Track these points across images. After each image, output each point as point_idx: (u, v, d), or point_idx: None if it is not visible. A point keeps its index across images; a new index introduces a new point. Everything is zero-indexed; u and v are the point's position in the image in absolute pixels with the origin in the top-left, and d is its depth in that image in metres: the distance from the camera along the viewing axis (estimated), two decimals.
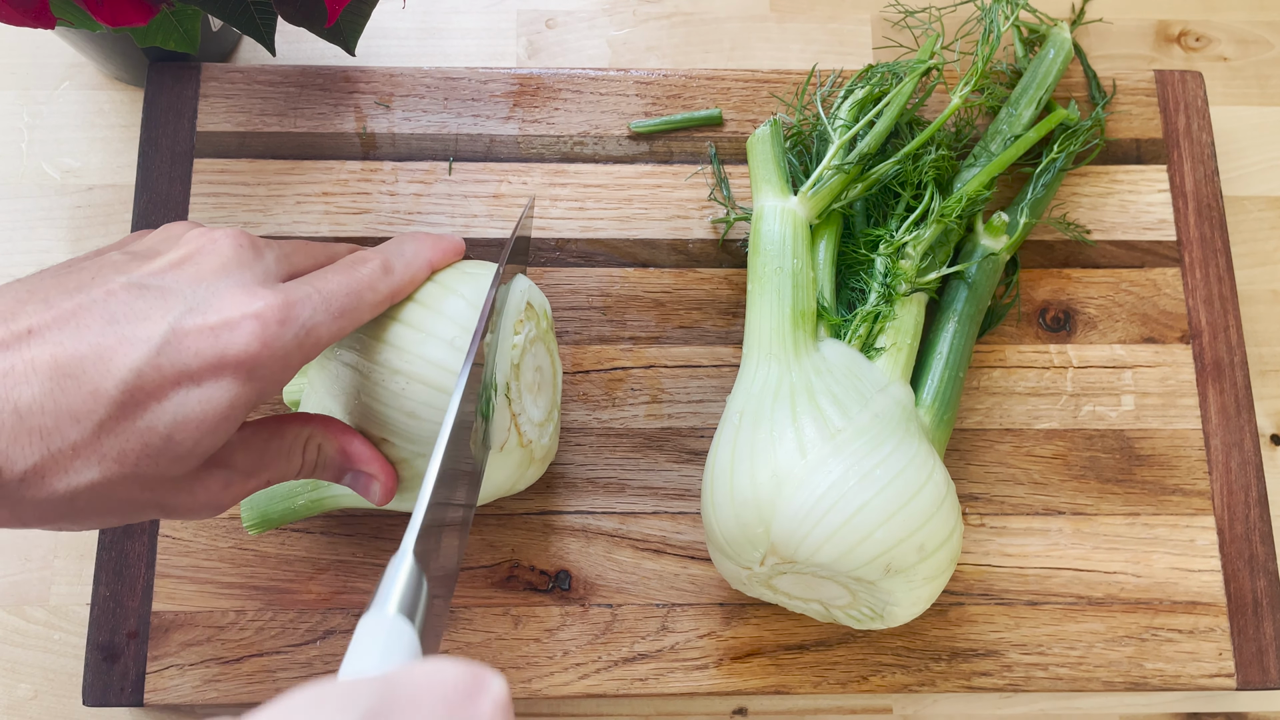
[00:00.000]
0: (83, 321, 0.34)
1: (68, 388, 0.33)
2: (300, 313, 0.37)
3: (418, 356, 0.43)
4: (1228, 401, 0.55)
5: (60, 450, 0.33)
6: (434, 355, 0.43)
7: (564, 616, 0.51)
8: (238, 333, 0.35)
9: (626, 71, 0.60)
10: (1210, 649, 0.52)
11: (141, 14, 0.46)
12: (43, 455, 0.33)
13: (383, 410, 0.43)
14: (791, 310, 0.48)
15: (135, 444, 0.34)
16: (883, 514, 0.43)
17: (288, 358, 0.37)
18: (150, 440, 0.34)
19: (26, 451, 0.33)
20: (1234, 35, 0.66)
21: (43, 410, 0.33)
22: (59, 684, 0.53)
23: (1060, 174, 0.57)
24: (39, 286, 0.36)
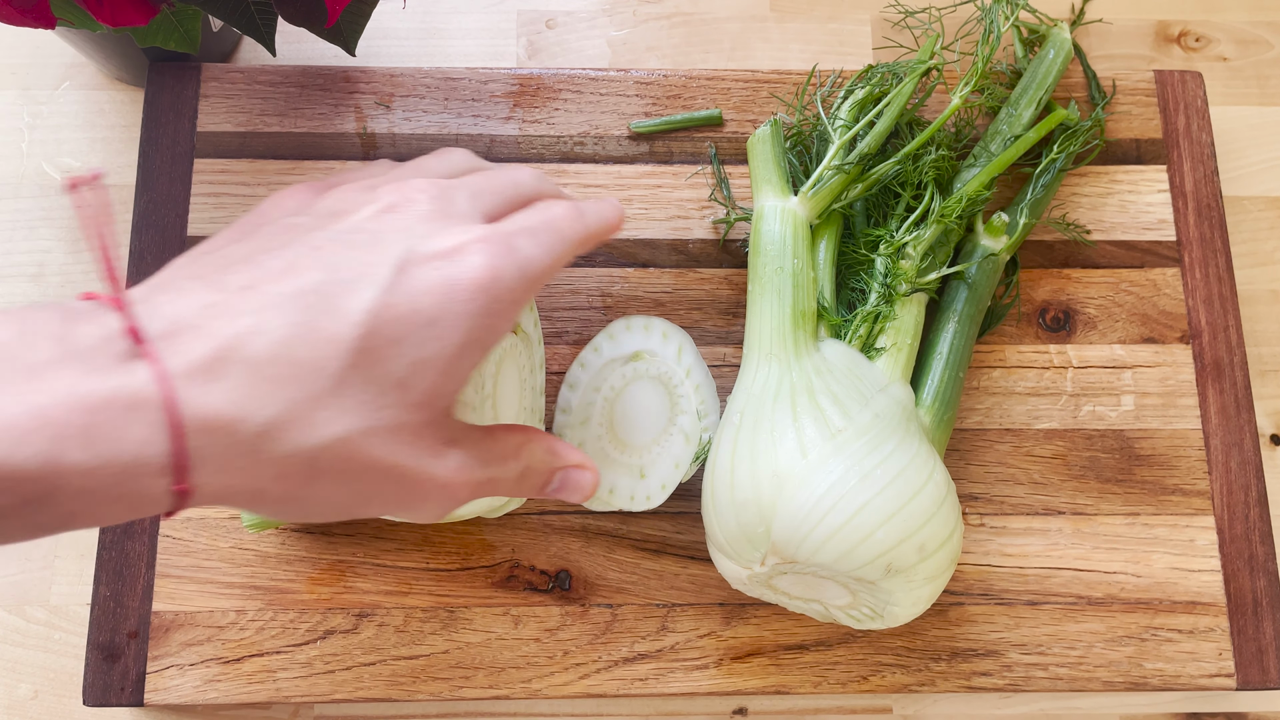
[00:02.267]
0: (301, 273, 0.32)
1: (302, 335, 0.31)
2: (519, 244, 0.35)
3: None
4: (1228, 401, 0.55)
5: (300, 400, 0.31)
6: None
7: (564, 616, 0.51)
8: (466, 261, 0.34)
9: (626, 71, 0.60)
10: (1210, 649, 0.52)
11: (142, 14, 0.46)
12: (283, 406, 0.31)
13: None
14: (792, 310, 0.48)
15: (371, 390, 0.32)
16: (883, 514, 0.43)
17: (514, 290, 0.35)
18: (386, 385, 0.32)
19: (265, 402, 0.31)
20: (1234, 35, 0.66)
21: (277, 360, 0.31)
22: (59, 684, 0.53)
23: (1060, 174, 0.57)
24: (233, 251, 0.34)
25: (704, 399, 0.51)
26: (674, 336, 0.52)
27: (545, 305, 0.56)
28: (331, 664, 0.50)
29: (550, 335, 0.55)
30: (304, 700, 0.50)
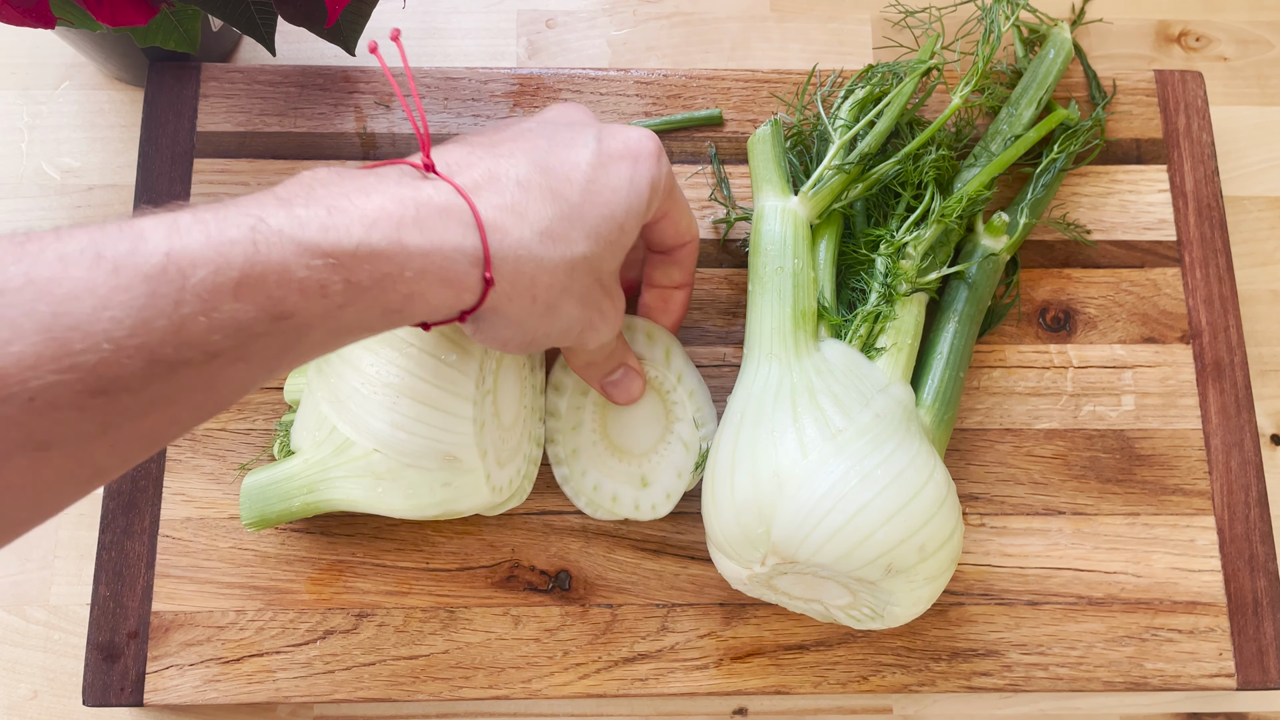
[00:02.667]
0: (532, 143, 0.41)
1: (549, 171, 0.40)
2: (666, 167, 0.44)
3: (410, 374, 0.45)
4: (1228, 401, 0.55)
5: (559, 216, 0.39)
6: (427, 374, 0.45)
7: (564, 616, 0.51)
8: (643, 143, 0.43)
9: (626, 71, 0.60)
10: (1210, 649, 0.52)
11: (141, 14, 0.46)
12: (550, 218, 0.39)
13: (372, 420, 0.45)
14: (792, 310, 0.48)
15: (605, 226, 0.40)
16: (884, 514, 0.43)
17: (668, 177, 0.44)
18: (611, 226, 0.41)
19: (537, 212, 0.39)
20: (1234, 35, 0.66)
21: (532, 183, 0.39)
22: (59, 684, 0.53)
23: (1060, 174, 0.57)
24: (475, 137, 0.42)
25: (699, 406, 0.52)
26: (660, 338, 0.52)
27: None
28: (331, 664, 0.50)
29: None
30: (304, 700, 0.50)
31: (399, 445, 0.45)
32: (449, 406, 0.45)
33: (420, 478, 0.45)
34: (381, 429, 0.44)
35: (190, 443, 0.53)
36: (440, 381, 0.45)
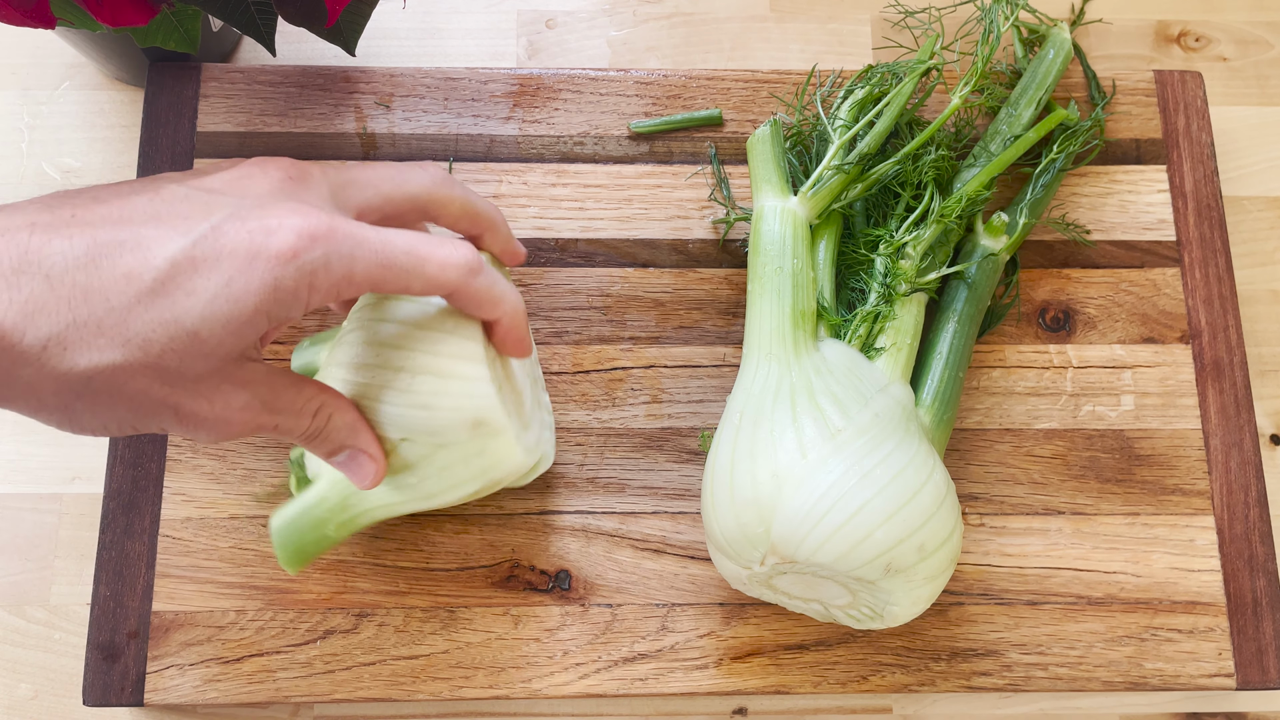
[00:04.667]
0: (127, 214, 0.35)
1: (102, 266, 0.34)
2: (342, 244, 0.37)
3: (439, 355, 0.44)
4: (1227, 401, 0.55)
5: (85, 323, 0.34)
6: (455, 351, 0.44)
7: (564, 616, 0.51)
8: (275, 237, 0.36)
9: (626, 71, 0.60)
10: (1210, 649, 0.52)
11: (142, 14, 0.46)
12: (67, 325, 0.34)
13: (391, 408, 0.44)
14: (791, 310, 0.48)
15: (162, 333, 0.35)
16: (883, 514, 0.43)
17: (315, 275, 0.37)
18: (177, 332, 0.35)
19: (52, 319, 0.33)
20: (1234, 35, 0.66)
21: (74, 283, 0.34)
22: (59, 684, 0.53)
23: (1060, 174, 0.57)
24: (97, 189, 0.37)
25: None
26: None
27: (545, 305, 0.56)
28: (331, 664, 0.50)
29: (550, 335, 0.55)
30: (304, 700, 0.50)
31: (426, 424, 0.43)
32: (464, 372, 0.44)
33: (453, 454, 0.44)
34: (404, 414, 0.43)
35: (190, 443, 0.53)
36: (447, 350, 0.44)
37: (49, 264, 0.34)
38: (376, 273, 0.38)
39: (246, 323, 0.36)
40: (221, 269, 0.35)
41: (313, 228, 0.37)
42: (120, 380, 0.35)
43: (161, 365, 0.35)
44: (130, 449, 0.53)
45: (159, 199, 0.37)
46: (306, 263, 0.36)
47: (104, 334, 0.34)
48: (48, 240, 0.34)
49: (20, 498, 0.55)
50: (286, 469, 0.53)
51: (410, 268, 0.39)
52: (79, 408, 0.35)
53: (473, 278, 0.41)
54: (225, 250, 0.35)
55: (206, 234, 0.36)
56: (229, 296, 0.35)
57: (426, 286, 0.40)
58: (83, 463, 0.56)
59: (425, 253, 0.40)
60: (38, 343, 0.33)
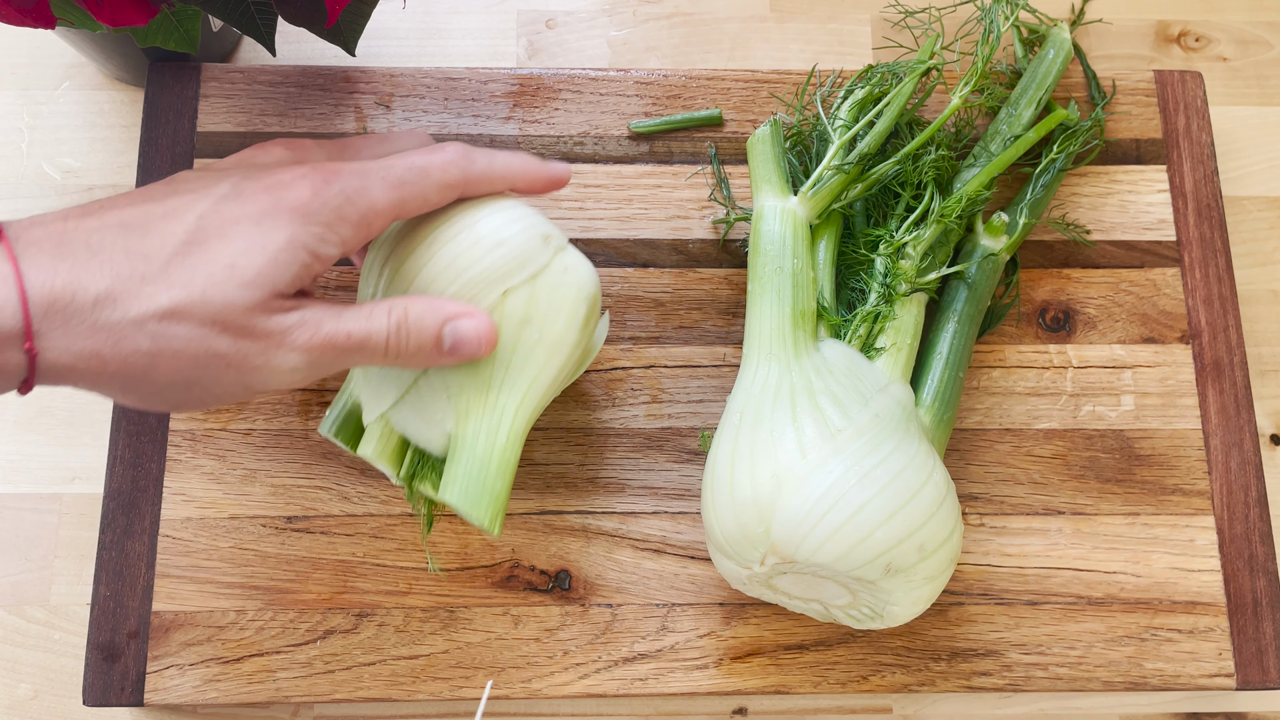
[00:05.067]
0: (149, 195, 0.39)
1: (135, 234, 0.37)
2: (350, 179, 0.40)
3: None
4: (1227, 401, 0.55)
5: (130, 277, 0.36)
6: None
7: (564, 616, 0.51)
8: (292, 190, 0.39)
9: (626, 71, 0.60)
10: (1210, 649, 0.52)
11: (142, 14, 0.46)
12: (113, 280, 0.36)
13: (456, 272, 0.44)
14: (791, 310, 0.48)
15: (202, 272, 0.37)
16: (883, 514, 0.43)
17: (340, 209, 0.39)
18: (214, 269, 0.37)
19: (98, 278, 0.36)
20: (1234, 35, 0.66)
21: (113, 248, 0.37)
22: (59, 684, 0.53)
23: (1060, 174, 0.57)
24: (141, 192, 0.40)
25: None
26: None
27: None
28: (331, 664, 0.50)
29: None
30: (304, 700, 0.50)
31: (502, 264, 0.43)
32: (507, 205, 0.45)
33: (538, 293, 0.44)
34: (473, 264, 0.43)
35: (190, 443, 0.53)
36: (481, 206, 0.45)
37: (88, 238, 0.37)
38: (394, 194, 0.41)
39: (283, 250, 0.38)
40: (248, 216, 0.38)
41: (323, 171, 0.40)
42: (173, 323, 0.37)
43: (207, 300, 0.37)
44: (130, 449, 0.53)
45: (174, 182, 0.40)
46: (329, 198, 0.39)
47: (149, 283, 0.36)
48: (82, 222, 0.37)
49: (20, 498, 0.55)
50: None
51: (419, 180, 0.42)
52: (142, 364, 0.37)
53: (471, 164, 0.43)
54: (249, 201, 0.38)
55: (228, 193, 0.38)
56: (259, 232, 0.38)
57: (441, 192, 0.42)
58: (83, 463, 0.56)
59: (424, 162, 0.42)
60: (90, 298, 0.36)
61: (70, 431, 0.56)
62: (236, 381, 0.39)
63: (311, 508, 0.52)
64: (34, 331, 0.35)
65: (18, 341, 0.35)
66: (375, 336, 0.40)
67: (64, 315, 0.36)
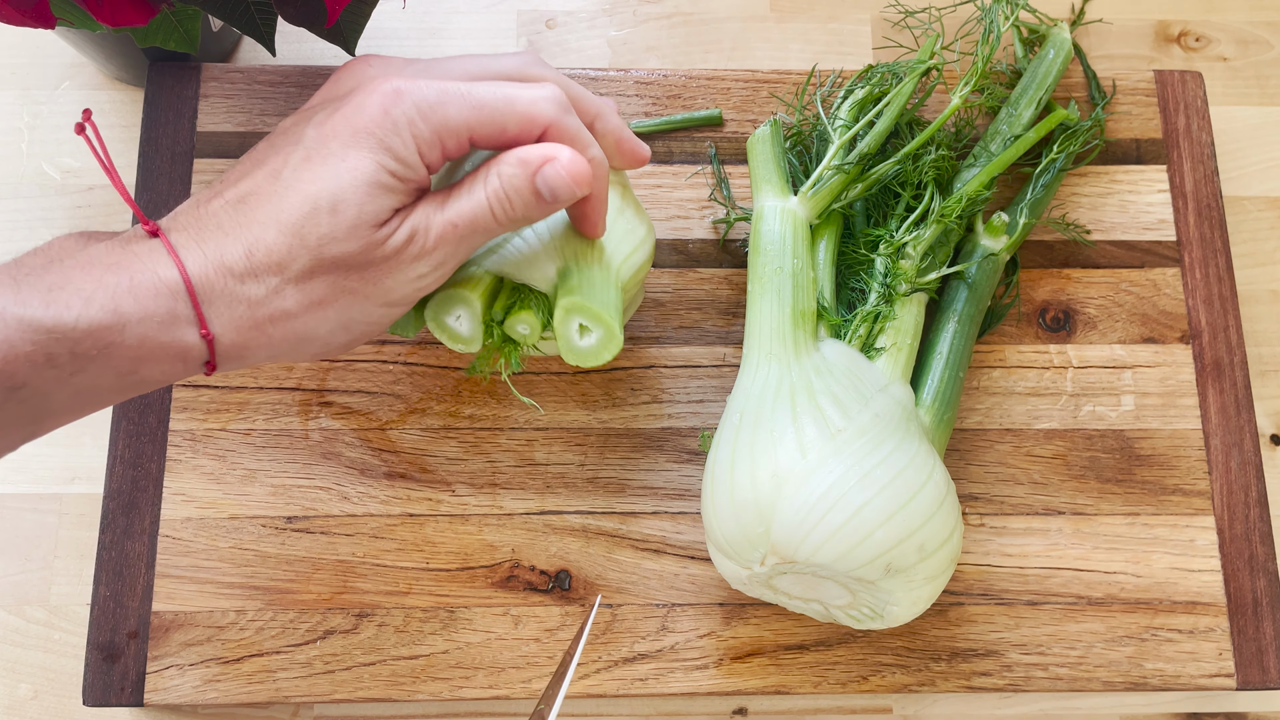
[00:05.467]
0: (257, 158, 0.41)
1: (250, 204, 0.39)
2: (427, 92, 0.40)
3: None
4: (1228, 401, 0.55)
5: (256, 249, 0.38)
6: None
7: (564, 616, 0.51)
8: (363, 108, 0.39)
9: (626, 71, 0.60)
10: (1210, 649, 0.52)
11: (141, 14, 0.46)
12: (247, 255, 0.38)
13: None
14: (791, 310, 0.48)
15: (311, 230, 0.38)
16: (883, 514, 0.43)
17: (413, 124, 0.39)
18: (320, 221, 0.38)
19: (235, 256, 0.38)
20: (1234, 35, 0.66)
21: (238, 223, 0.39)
22: (59, 684, 0.53)
23: (1060, 174, 0.57)
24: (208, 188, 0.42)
25: None
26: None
27: None
28: (331, 664, 0.50)
29: None
30: (304, 700, 0.50)
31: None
32: None
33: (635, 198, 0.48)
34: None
35: (190, 443, 0.53)
36: None
37: (218, 218, 0.39)
38: (470, 114, 0.40)
39: (372, 183, 0.39)
40: (334, 155, 0.39)
41: (396, 87, 0.40)
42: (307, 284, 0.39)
43: (326, 254, 0.39)
44: (130, 449, 0.53)
45: (274, 135, 0.42)
46: (399, 114, 0.39)
47: (274, 252, 0.38)
48: (210, 205, 0.40)
49: (20, 498, 0.55)
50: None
51: (501, 107, 0.41)
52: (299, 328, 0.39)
53: (565, 114, 0.42)
54: (328, 137, 0.39)
55: (312, 135, 0.40)
56: (346, 168, 0.39)
57: (522, 124, 0.41)
58: (83, 463, 0.56)
59: (513, 92, 0.41)
60: (236, 278, 0.38)
61: (70, 431, 0.56)
62: (380, 306, 0.41)
63: (311, 508, 0.52)
64: (204, 317, 0.38)
65: (192, 328, 0.37)
66: (481, 215, 0.41)
67: (222, 297, 0.38)
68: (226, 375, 0.54)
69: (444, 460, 0.53)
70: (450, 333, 0.46)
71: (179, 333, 0.37)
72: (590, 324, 0.44)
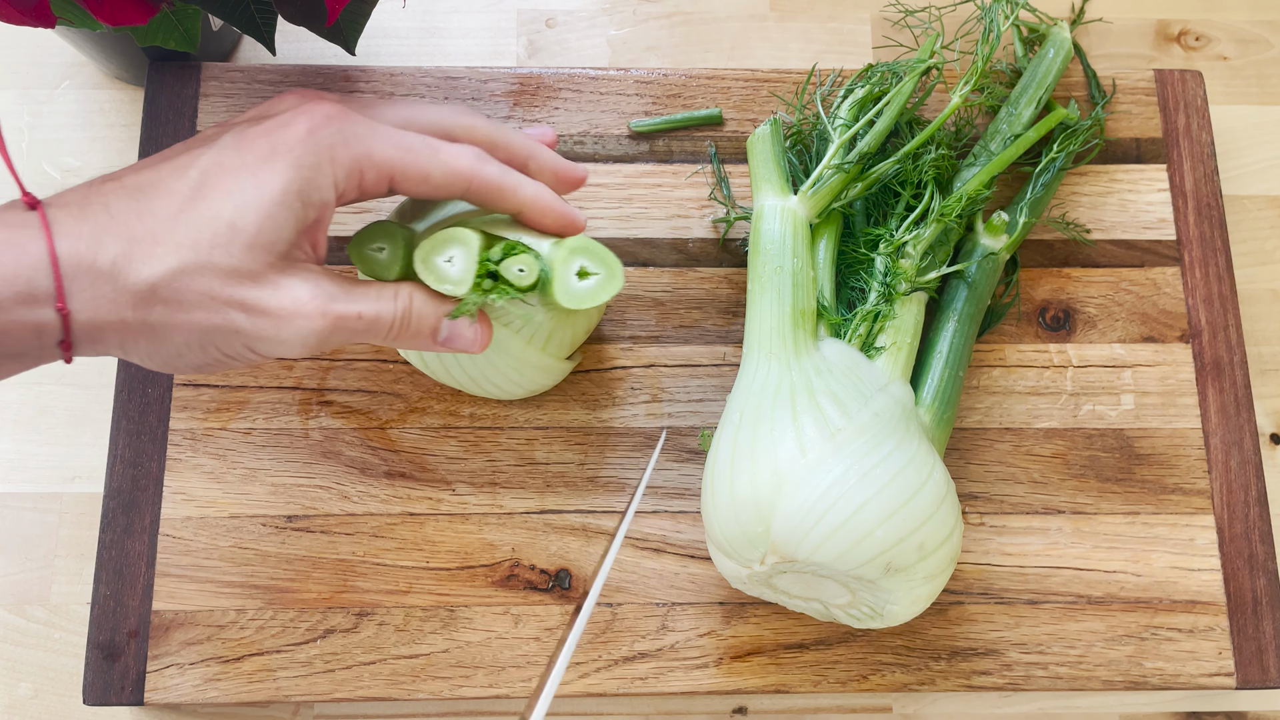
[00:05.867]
0: (166, 154, 0.40)
1: (146, 194, 0.38)
2: (356, 124, 0.40)
3: None
4: (1227, 401, 0.55)
5: (143, 238, 0.37)
6: None
7: (564, 616, 0.51)
8: (289, 128, 0.39)
9: (626, 71, 0.60)
10: (1210, 648, 0.52)
11: (141, 13, 0.46)
12: (129, 242, 0.37)
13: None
14: (791, 309, 0.48)
15: (206, 230, 0.38)
16: (883, 513, 0.43)
17: (334, 148, 0.40)
18: (218, 227, 0.38)
19: (116, 240, 0.37)
20: (1234, 35, 0.66)
21: (129, 209, 0.38)
22: (59, 683, 0.53)
23: (1060, 173, 0.57)
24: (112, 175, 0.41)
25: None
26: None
27: None
28: (331, 663, 0.50)
29: None
30: (304, 699, 0.50)
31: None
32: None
33: None
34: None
35: (190, 442, 0.53)
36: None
37: (108, 200, 0.38)
38: (395, 154, 0.41)
39: (278, 204, 0.39)
40: (246, 166, 0.39)
41: (326, 110, 0.40)
42: (184, 284, 0.38)
43: (213, 262, 0.38)
44: (130, 448, 0.53)
45: (191, 139, 0.41)
46: (323, 137, 0.39)
47: (160, 243, 0.38)
48: (104, 185, 0.39)
49: (20, 497, 0.55)
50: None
51: (426, 153, 0.42)
52: (160, 323, 0.38)
53: (484, 165, 0.43)
54: (247, 149, 0.39)
55: (230, 142, 0.39)
56: (255, 184, 0.38)
57: (445, 174, 0.42)
58: (83, 462, 0.56)
59: (438, 144, 0.42)
60: (109, 260, 0.37)
61: (70, 431, 0.56)
62: (246, 348, 0.40)
63: (311, 507, 0.52)
64: (65, 292, 0.37)
65: (50, 301, 0.37)
66: (382, 321, 0.42)
67: (89, 277, 0.37)
68: (226, 375, 0.54)
69: (444, 459, 0.53)
70: (438, 274, 0.45)
71: (36, 308, 0.37)
72: (593, 266, 0.46)
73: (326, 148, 0.39)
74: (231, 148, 0.39)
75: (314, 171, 0.39)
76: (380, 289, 0.42)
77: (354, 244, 0.45)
